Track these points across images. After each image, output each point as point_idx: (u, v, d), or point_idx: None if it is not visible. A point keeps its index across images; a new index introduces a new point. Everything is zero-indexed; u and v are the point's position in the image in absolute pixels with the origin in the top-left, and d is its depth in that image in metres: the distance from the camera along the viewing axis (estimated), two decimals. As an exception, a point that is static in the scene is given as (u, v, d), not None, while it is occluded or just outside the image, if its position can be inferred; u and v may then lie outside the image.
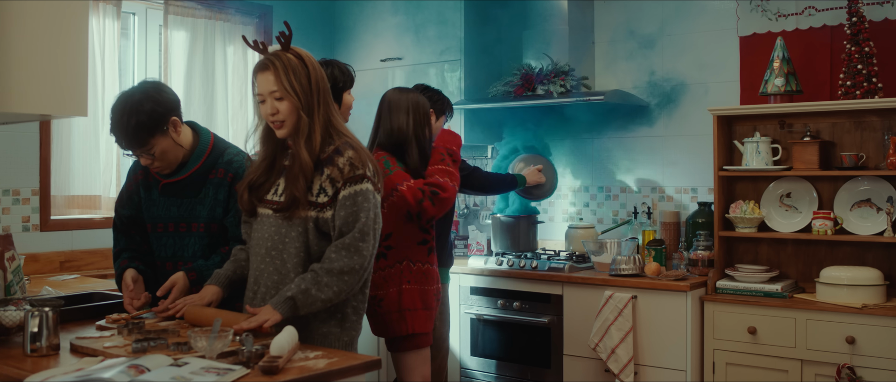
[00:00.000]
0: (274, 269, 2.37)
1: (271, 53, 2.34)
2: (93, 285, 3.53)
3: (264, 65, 2.32)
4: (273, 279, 2.37)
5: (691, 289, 3.55)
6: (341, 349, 2.35)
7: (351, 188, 2.28)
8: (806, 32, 3.80)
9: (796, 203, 3.70)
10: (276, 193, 2.39)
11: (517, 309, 4.01)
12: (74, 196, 4.03)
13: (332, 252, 2.26)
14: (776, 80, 3.61)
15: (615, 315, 3.65)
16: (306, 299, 2.23)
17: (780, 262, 3.78)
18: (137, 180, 2.76)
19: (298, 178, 2.29)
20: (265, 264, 2.38)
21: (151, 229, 2.73)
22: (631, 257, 3.79)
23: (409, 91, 3.30)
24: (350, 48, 5.00)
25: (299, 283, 2.25)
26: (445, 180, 3.08)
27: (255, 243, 2.43)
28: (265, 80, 2.31)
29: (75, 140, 4.01)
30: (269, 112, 2.33)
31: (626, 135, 4.34)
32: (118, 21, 4.12)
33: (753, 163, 3.66)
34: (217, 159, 2.69)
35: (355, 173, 2.28)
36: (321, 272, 2.25)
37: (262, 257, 2.39)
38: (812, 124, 3.66)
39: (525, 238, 4.31)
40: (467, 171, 3.69)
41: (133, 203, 2.76)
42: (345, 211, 2.27)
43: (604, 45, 4.43)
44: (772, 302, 3.45)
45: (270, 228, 2.37)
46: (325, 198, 2.30)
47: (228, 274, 2.51)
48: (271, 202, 2.39)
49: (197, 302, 2.43)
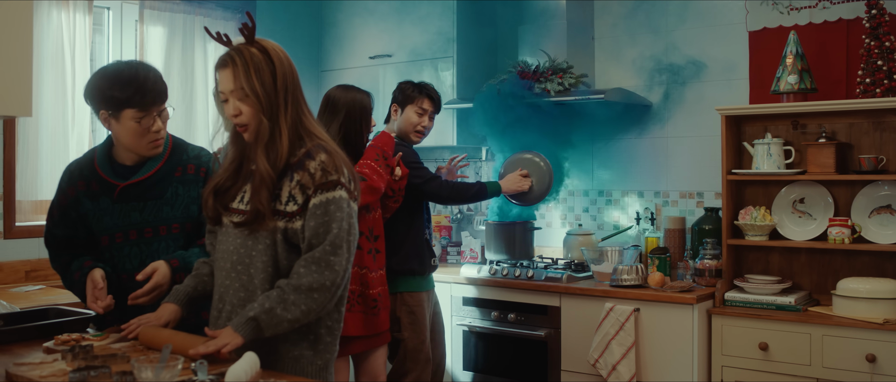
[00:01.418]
0: (240, 285, 2.13)
1: (234, 47, 2.11)
2: (56, 297, 3.30)
3: (224, 61, 2.09)
4: (239, 297, 2.13)
5: (698, 301, 3.32)
6: (314, 375, 2.13)
7: (322, 196, 2.05)
8: (820, 26, 3.56)
9: (810, 209, 3.46)
10: (242, 200, 2.16)
11: (512, 322, 3.78)
12: (42, 201, 3.81)
13: (300, 267, 2.04)
14: (789, 77, 3.37)
15: (616, 329, 3.42)
16: (271, 319, 2.00)
17: (792, 272, 3.54)
18: (78, 190, 2.50)
19: (260, 190, 2.07)
20: (230, 280, 2.15)
21: (108, 241, 2.49)
22: (633, 266, 3.55)
23: (351, 90, 3.25)
24: (337, 45, 4.78)
25: (263, 302, 2.02)
26: (366, 172, 3.16)
27: (219, 256, 2.19)
28: (225, 77, 2.09)
29: (43, 141, 3.79)
30: (232, 113, 2.10)
31: (628, 136, 4.10)
32: (90, 16, 3.90)
33: (765, 166, 3.43)
34: (181, 157, 2.53)
35: (328, 180, 2.05)
36: (288, 290, 2.02)
37: (227, 272, 2.15)
38: (827, 125, 3.42)
39: (521, 245, 4.08)
40: (424, 179, 3.49)
41: (68, 220, 2.51)
42: (315, 221, 2.04)
43: (604, 41, 4.20)
44: (784, 316, 3.22)
45: (235, 240, 2.14)
46: (294, 206, 2.07)
47: (188, 291, 2.28)
48: (236, 211, 2.15)
49: (153, 322, 2.20)
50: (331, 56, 4.83)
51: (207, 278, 2.29)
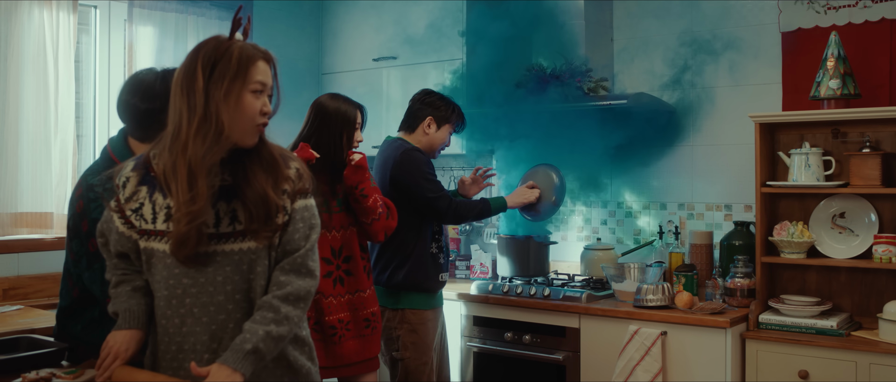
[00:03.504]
0: (242, 315, 1.88)
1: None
2: (35, 319, 3.04)
3: (268, 55, 1.92)
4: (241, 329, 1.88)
5: (732, 325, 3.05)
6: None
7: (302, 202, 1.95)
8: (861, 27, 3.30)
9: (852, 225, 3.20)
10: (228, 222, 1.86)
11: (527, 344, 3.52)
12: (22, 213, 3.54)
13: (280, 275, 1.89)
14: (830, 81, 3.11)
15: (642, 354, 3.16)
16: (270, 344, 1.82)
17: (831, 293, 3.27)
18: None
19: (265, 204, 1.86)
20: (227, 313, 1.87)
21: None
22: (659, 285, 3.29)
23: (338, 99, 3.03)
24: (339, 46, 4.52)
25: (254, 329, 1.81)
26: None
27: (198, 291, 1.87)
28: (266, 71, 1.90)
29: (24, 150, 3.53)
30: (262, 109, 1.88)
31: (650, 143, 3.82)
32: (75, 15, 3.64)
33: (802, 178, 3.17)
34: None
35: (305, 186, 1.96)
36: (276, 303, 1.85)
37: (221, 305, 1.87)
38: (870, 133, 3.16)
39: (535, 260, 3.81)
40: (436, 193, 3.25)
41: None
42: (296, 226, 1.92)
43: (625, 43, 3.93)
44: (826, 342, 2.96)
45: (224, 268, 1.86)
46: (284, 217, 1.90)
47: (145, 311, 1.95)
48: (225, 235, 1.88)
49: (124, 358, 1.90)
50: (332, 58, 4.57)
51: (148, 298, 1.97)
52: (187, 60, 1.85)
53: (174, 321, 1.87)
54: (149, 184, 1.89)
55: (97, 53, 3.93)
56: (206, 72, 1.81)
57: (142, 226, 1.89)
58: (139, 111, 2.23)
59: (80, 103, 3.83)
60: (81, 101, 3.85)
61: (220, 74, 1.81)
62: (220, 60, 1.83)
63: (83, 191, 2.20)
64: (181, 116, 1.81)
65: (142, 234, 1.89)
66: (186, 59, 1.86)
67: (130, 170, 1.92)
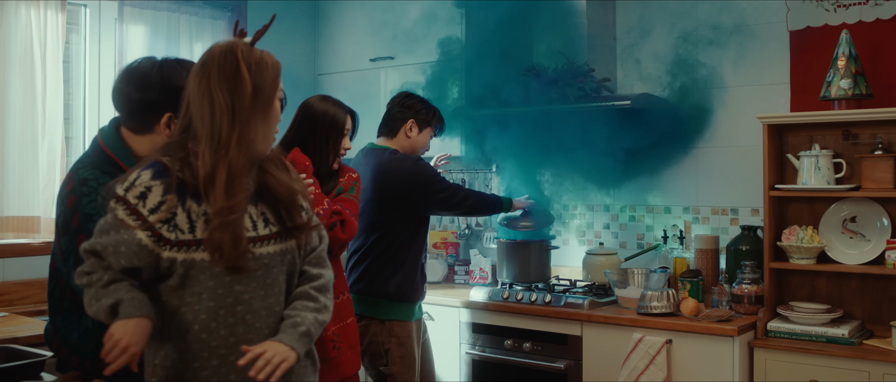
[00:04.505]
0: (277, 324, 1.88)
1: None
2: (18, 327, 2.95)
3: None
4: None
5: (739, 333, 2.95)
6: None
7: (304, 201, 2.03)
8: (872, 25, 3.20)
9: (863, 229, 3.10)
10: (263, 225, 1.88)
11: (528, 351, 3.42)
12: (8, 218, 3.45)
13: (311, 269, 1.97)
14: (842, 81, 3.01)
15: (646, 363, 3.06)
16: (317, 328, 1.89)
17: (841, 300, 3.17)
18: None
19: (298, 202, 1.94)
20: (270, 328, 1.86)
21: None
22: (663, 291, 3.19)
23: (328, 101, 2.87)
24: (335, 46, 4.43)
25: (303, 314, 1.87)
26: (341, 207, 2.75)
27: (242, 307, 1.81)
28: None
29: (10, 152, 3.44)
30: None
31: (654, 145, 3.71)
32: (63, 14, 3.54)
33: (812, 181, 3.07)
34: None
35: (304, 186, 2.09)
36: (314, 293, 1.92)
37: (264, 320, 1.85)
38: (883, 134, 3.06)
39: (536, 265, 3.72)
40: (450, 192, 3.25)
41: None
42: (315, 222, 2.02)
43: (628, 42, 3.84)
44: (837, 351, 2.85)
45: (264, 279, 1.87)
46: (307, 214, 1.97)
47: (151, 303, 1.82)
48: (261, 239, 1.87)
49: (135, 351, 1.72)
50: (328, 58, 4.47)
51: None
52: (223, 60, 1.78)
53: (220, 332, 1.79)
54: (177, 192, 1.77)
55: (87, 53, 3.83)
56: (254, 79, 1.79)
57: (179, 237, 1.76)
58: (133, 101, 2.10)
59: (69, 104, 3.73)
60: (71, 102, 3.76)
61: (263, 82, 1.81)
62: (263, 67, 1.82)
63: (75, 185, 2.06)
64: (222, 119, 1.75)
65: (179, 246, 1.76)
66: (218, 58, 1.79)
67: (150, 179, 1.77)
